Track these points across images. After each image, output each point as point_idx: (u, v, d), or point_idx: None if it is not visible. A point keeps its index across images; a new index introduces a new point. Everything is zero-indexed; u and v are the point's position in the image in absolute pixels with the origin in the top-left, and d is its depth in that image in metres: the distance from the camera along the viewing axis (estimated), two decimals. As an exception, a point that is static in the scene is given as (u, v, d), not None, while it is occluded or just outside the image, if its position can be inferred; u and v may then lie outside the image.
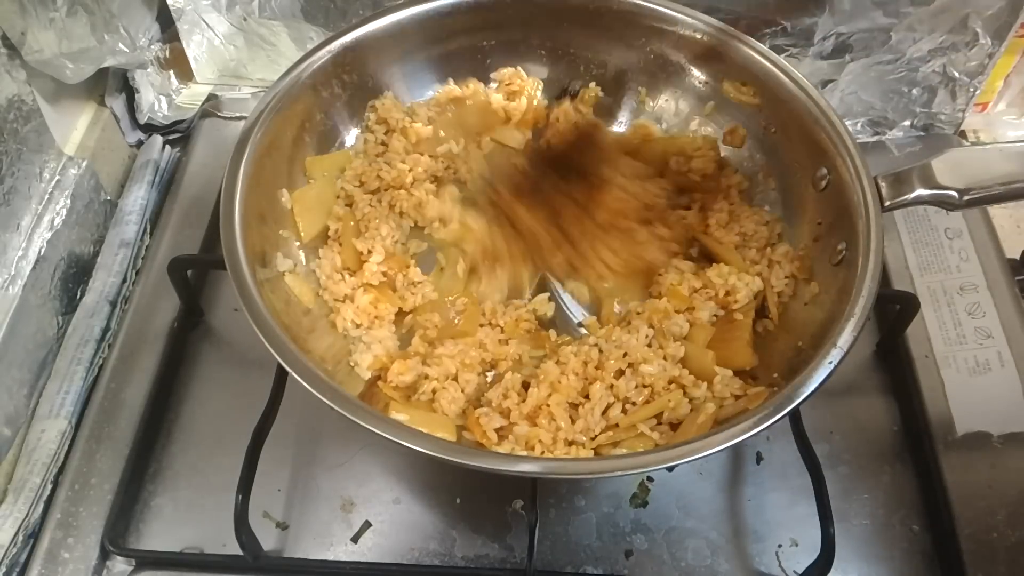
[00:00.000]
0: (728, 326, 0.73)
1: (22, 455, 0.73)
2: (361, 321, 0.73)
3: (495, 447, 0.64)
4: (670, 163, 0.83)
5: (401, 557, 0.69)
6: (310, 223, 0.76)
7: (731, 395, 0.67)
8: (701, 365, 0.69)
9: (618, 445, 0.65)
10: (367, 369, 0.70)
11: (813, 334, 0.66)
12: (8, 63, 0.76)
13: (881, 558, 0.70)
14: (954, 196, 0.65)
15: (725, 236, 0.78)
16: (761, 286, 0.74)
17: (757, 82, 0.79)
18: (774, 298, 0.74)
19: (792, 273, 0.74)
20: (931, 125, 0.98)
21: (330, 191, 0.79)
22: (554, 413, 0.65)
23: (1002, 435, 0.75)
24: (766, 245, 0.77)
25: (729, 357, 0.70)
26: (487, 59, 0.86)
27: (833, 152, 0.70)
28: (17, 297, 0.76)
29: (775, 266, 0.75)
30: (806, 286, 0.73)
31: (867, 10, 0.88)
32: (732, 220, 0.79)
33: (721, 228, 0.79)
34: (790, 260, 0.75)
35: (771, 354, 0.71)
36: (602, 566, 0.69)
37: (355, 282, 0.74)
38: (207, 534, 0.69)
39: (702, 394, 0.67)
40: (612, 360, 0.68)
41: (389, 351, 0.72)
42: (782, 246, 0.76)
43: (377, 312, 0.73)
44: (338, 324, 0.72)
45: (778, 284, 0.74)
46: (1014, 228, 0.95)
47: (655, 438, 0.65)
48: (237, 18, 0.97)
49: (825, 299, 0.70)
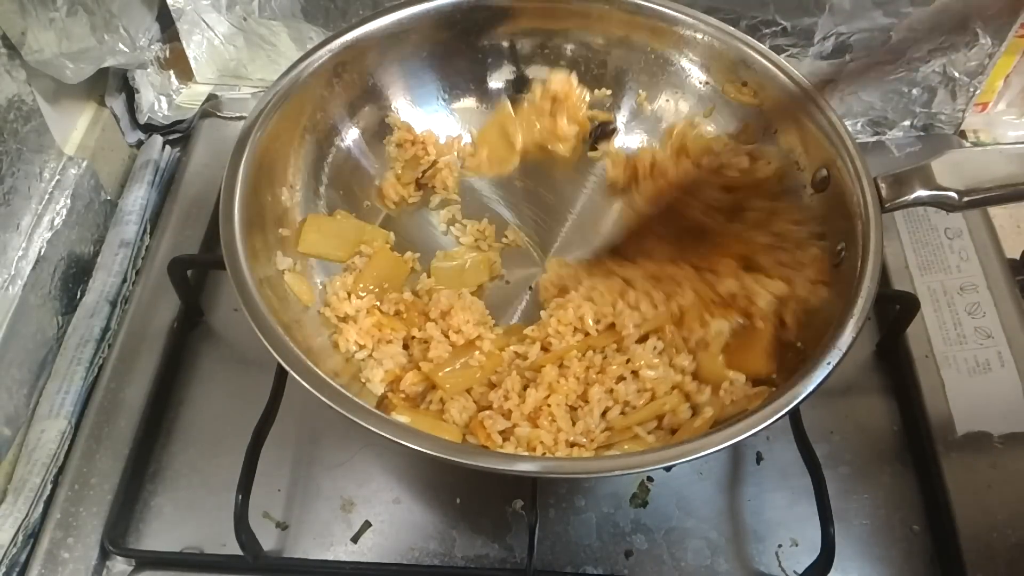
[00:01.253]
0: (748, 333, 0.70)
1: (22, 455, 0.73)
2: (365, 343, 0.71)
3: (499, 449, 0.64)
4: (702, 163, 0.80)
5: (401, 557, 0.69)
6: (313, 242, 0.75)
7: (731, 400, 0.66)
8: (711, 370, 0.68)
9: (613, 447, 0.65)
10: (380, 383, 0.69)
11: (812, 334, 0.66)
12: (8, 63, 0.76)
13: (881, 558, 0.70)
14: (954, 197, 0.65)
15: (758, 236, 0.74)
16: (786, 290, 0.70)
17: (757, 82, 0.79)
18: (794, 307, 0.69)
19: (815, 278, 0.70)
20: (931, 125, 0.98)
21: (351, 233, 0.78)
22: (555, 414, 0.65)
23: (1002, 435, 0.75)
24: (797, 247, 0.72)
25: (745, 364, 0.68)
26: (487, 59, 0.86)
27: (833, 152, 0.70)
28: (17, 297, 0.76)
29: (803, 269, 0.71)
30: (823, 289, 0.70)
31: (867, 10, 0.88)
32: (771, 217, 0.74)
33: (755, 228, 0.74)
34: (817, 264, 0.71)
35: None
36: (602, 566, 0.69)
37: (361, 304, 0.73)
38: (207, 534, 0.69)
39: (705, 399, 0.67)
40: (615, 366, 0.68)
41: (401, 365, 0.71)
42: (812, 248, 0.71)
43: (382, 335, 0.72)
44: (340, 345, 0.71)
45: (802, 290, 0.70)
46: (1014, 228, 0.95)
47: (650, 441, 0.65)
48: (237, 18, 0.97)
49: (826, 299, 0.69)
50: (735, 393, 0.67)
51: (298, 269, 0.74)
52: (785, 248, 0.73)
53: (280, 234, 0.74)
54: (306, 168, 0.79)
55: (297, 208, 0.76)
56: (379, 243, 0.78)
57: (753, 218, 0.74)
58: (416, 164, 0.84)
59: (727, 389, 0.67)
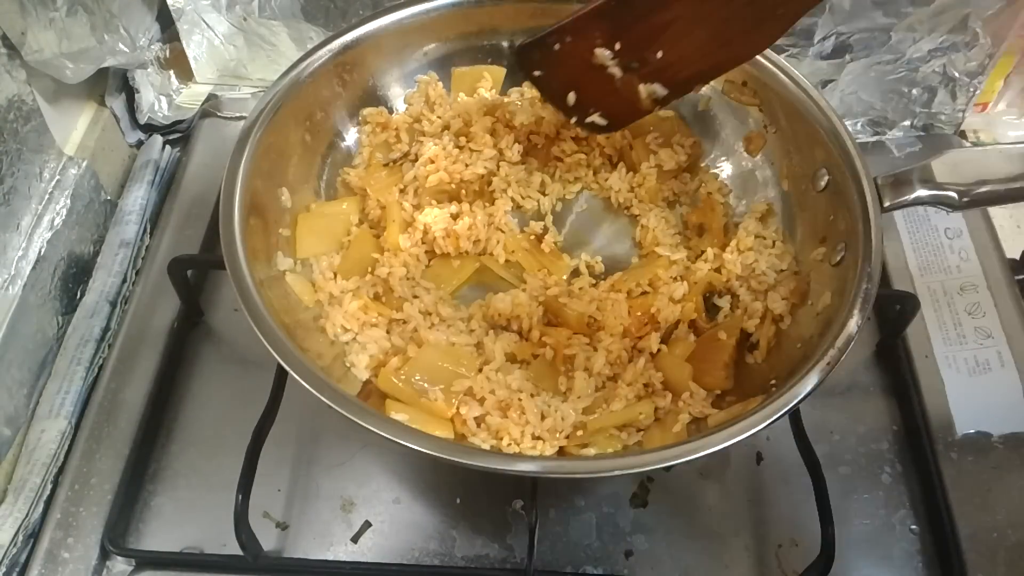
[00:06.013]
0: (711, 344, 0.72)
1: (22, 455, 0.73)
2: (351, 326, 0.71)
3: (472, 437, 0.65)
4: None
5: (401, 557, 0.69)
6: (309, 245, 0.75)
7: (689, 414, 0.67)
8: (677, 377, 0.69)
9: (588, 446, 0.66)
10: (365, 369, 0.70)
11: (812, 334, 0.66)
12: (8, 63, 0.76)
13: (881, 558, 0.70)
14: (954, 197, 0.65)
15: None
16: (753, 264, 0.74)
17: (757, 82, 0.79)
18: (768, 332, 0.71)
19: (788, 296, 0.72)
20: (931, 125, 0.98)
21: (339, 224, 0.78)
22: (525, 407, 0.66)
23: (1002, 435, 0.75)
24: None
25: (705, 377, 0.70)
26: (487, 58, 0.86)
27: (833, 152, 0.70)
28: (17, 297, 0.76)
29: (776, 287, 0.73)
30: (814, 300, 0.70)
31: (867, 10, 0.88)
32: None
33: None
34: (790, 282, 0.73)
35: (770, 362, 0.71)
36: (602, 566, 0.69)
37: (347, 286, 0.73)
38: (207, 534, 0.69)
39: (666, 405, 0.68)
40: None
41: (385, 350, 0.71)
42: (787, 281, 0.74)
43: (367, 319, 0.72)
44: (328, 329, 0.71)
45: (776, 306, 0.72)
46: (1014, 228, 0.95)
47: (623, 438, 0.66)
48: (237, 18, 0.97)
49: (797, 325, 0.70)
50: (696, 406, 0.68)
51: (299, 269, 0.74)
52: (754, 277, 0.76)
53: (280, 234, 0.74)
54: (306, 168, 0.79)
55: (297, 208, 0.76)
56: (364, 227, 0.78)
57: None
58: (387, 149, 0.83)
59: (686, 400, 0.68)
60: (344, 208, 0.79)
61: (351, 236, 0.77)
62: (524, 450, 0.64)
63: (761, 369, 0.70)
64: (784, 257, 0.76)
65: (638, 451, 0.66)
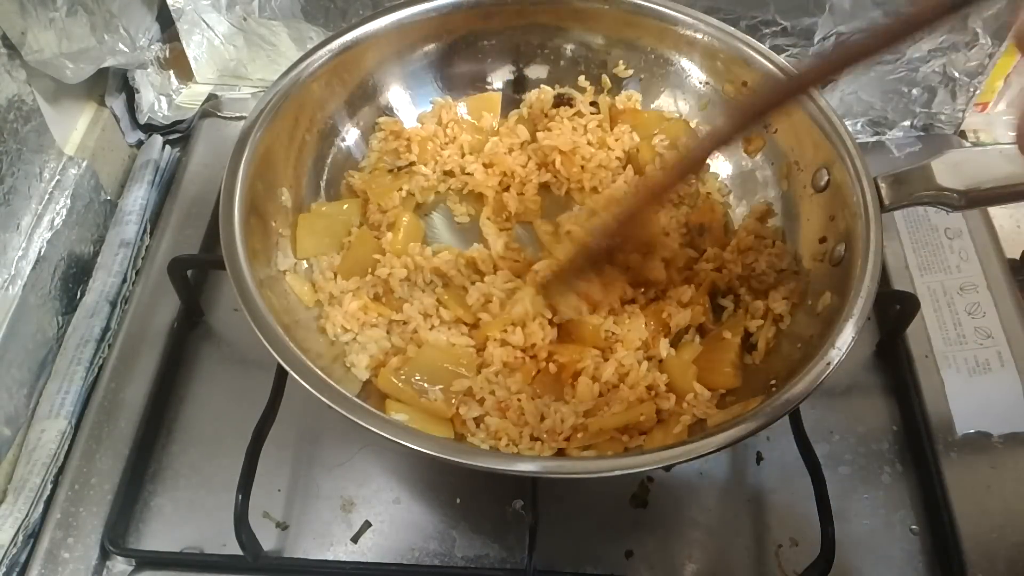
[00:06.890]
0: (716, 344, 0.72)
1: (22, 455, 0.73)
2: (351, 327, 0.71)
3: (471, 437, 0.65)
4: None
5: (401, 557, 0.69)
6: (309, 245, 0.75)
7: (692, 415, 0.67)
8: (682, 379, 0.69)
9: (589, 448, 0.66)
10: (365, 369, 0.70)
11: (812, 334, 0.66)
12: (8, 63, 0.76)
13: (881, 558, 0.70)
14: (954, 197, 0.65)
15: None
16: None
17: (757, 82, 0.78)
18: (768, 332, 0.71)
19: (788, 296, 0.72)
20: (931, 125, 0.98)
21: (339, 224, 0.78)
22: (524, 408, 0.66)
23: (1002, 435, 0.75)
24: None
25: (712, 376, 0.70)
26: (487, 59, 0.86)
27: (833, 152, 0.70)
28: (17, 297, 0.76)
29: (776, 287, 0.73)
30: (814, 300, 0.70)
31: (867, 10, 0.88)
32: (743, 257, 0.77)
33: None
34: (790, 282, 0.73)
35: (768, 363, 0.71)
36: (602, 566, 0.69)
37: (347, 286, 0.73)
38: (207, 534, 0.69)
39: (669, 407, 0.68)
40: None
41: (385, 350, 0.71)
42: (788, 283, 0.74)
43: (366, 319, 0.72)
44: (328, 330, 0.71)
45: (777, 306, 0.72)
46: (1014, 228, 0.95)
47: (624, 441, 0.66)
48: (237, 18, 0.97)
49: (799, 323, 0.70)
50: (702, 407, 0.67)
51: (298, 270, 0.74)
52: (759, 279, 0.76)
53: (280, 234, 0.74)
54: (306, 168, 0.79)
55: (297, 208, 0.76)
56: (364, 228, 0.78)
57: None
58: (395, 156, 0.83)
59: (690, 401, 0.68)
60: (345, 209, 0.79)
61: (351, 237, 0.77)
62: (522, 451, 0.65)
63: (761, 369, 0.70)
64: (784, 257, 0.76)
65: (638, 451, 0.65)
